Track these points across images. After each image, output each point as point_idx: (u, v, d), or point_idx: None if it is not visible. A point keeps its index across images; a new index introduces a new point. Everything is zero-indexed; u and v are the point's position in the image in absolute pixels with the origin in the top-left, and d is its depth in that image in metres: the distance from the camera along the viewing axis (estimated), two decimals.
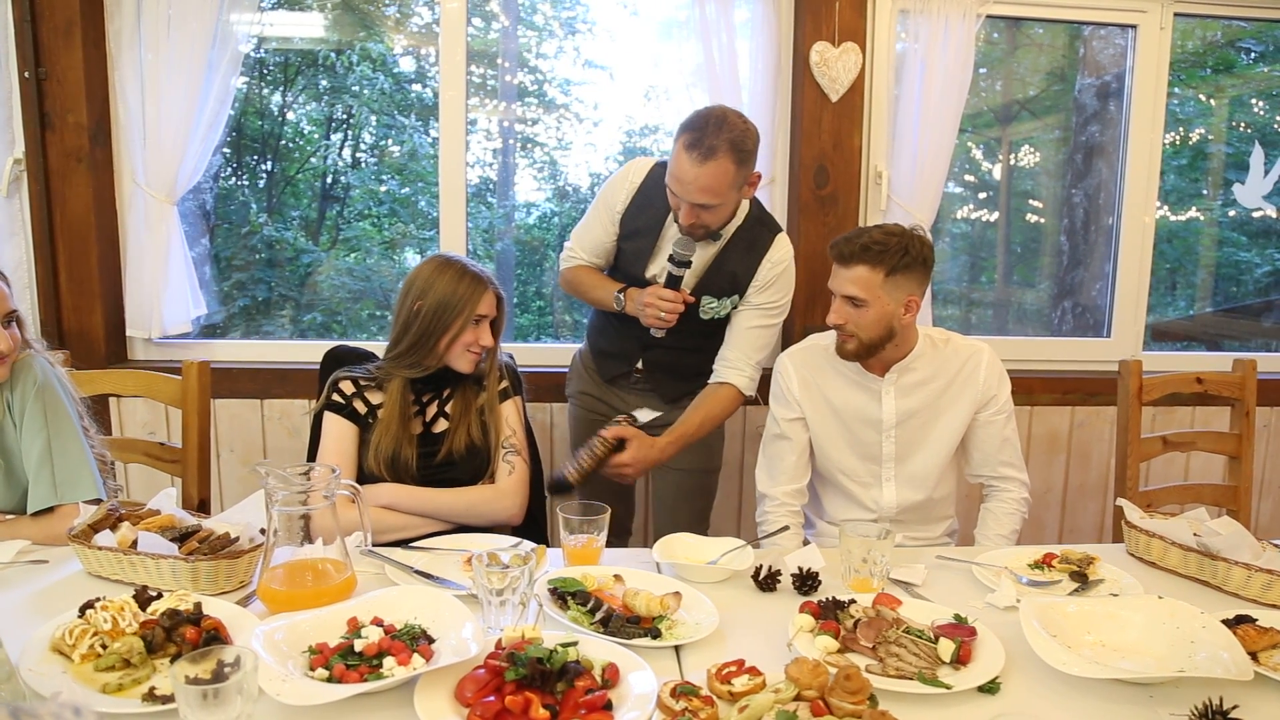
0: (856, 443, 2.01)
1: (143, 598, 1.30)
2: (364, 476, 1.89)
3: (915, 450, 2.01)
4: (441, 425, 1.96)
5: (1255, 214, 3.30)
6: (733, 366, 2.17)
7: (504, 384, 2.01)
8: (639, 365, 2.27)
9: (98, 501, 1.66)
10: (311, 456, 2.01)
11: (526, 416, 2.08)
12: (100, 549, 1.48)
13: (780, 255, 2.15)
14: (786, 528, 1.98)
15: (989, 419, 2.00)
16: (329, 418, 1.91)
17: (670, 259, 2.05)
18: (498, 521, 1.89)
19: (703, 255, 2.12)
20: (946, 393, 1.99)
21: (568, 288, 2.34)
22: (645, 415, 2.10)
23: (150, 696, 1.11)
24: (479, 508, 1.89)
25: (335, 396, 1.91)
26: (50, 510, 1.66)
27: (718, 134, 1.90)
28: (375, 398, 1.93)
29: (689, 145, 1.91)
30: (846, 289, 1.86)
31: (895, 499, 2.01)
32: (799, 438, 2.03)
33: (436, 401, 1.97)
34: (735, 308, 2.18)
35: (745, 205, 2.15)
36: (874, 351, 1.91)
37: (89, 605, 1.26)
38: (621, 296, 2.15)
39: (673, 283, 2.06)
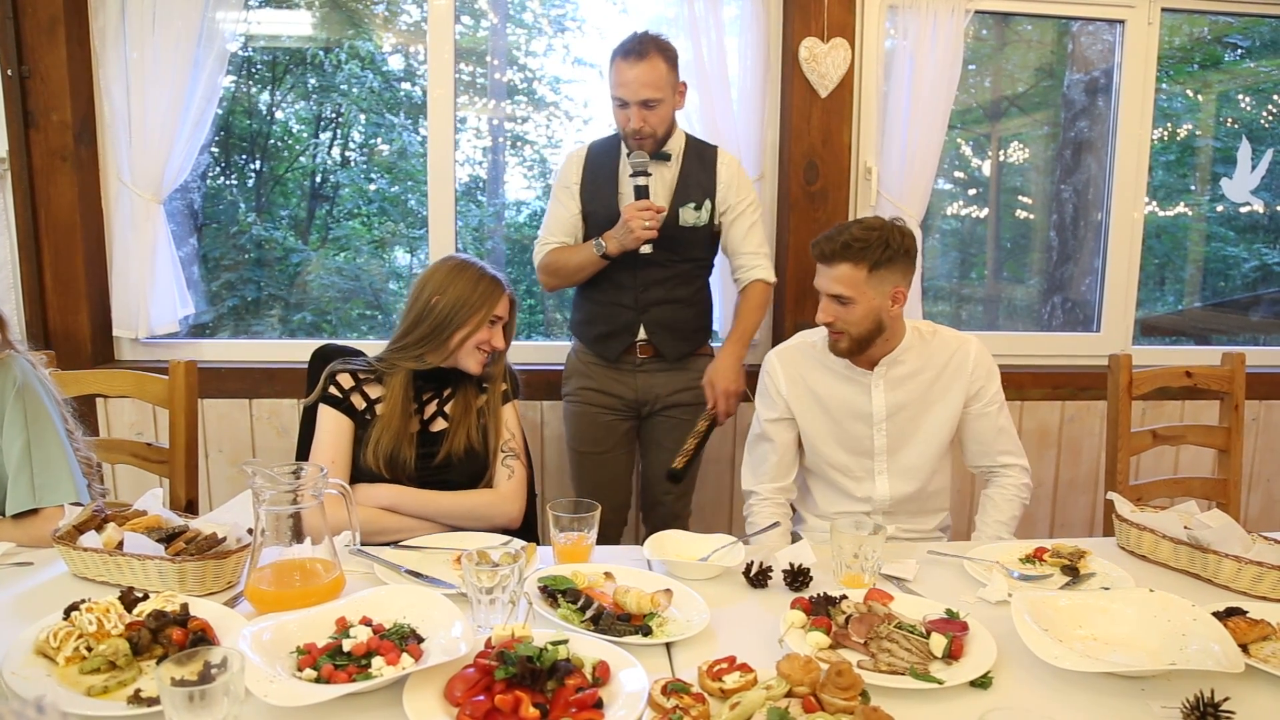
0: (847, 437, 2.01)
1: (128, 599, 1.29)
2: (358, 473, 1.87)
3: (907, 443, 2.00)
4: (439, 425, 1.94)
5: (1243, 209, 3.32)
6: (750, 266, 2.40)
7: (504, 387, 2.00)
8: (640, 333, 2.38)
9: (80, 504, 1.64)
10: (302, 449, 1.99)
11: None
12: (86, 550, 1.46)
13: (728, 159, 2.40)
14: (777, 524, 1.98)
15: (981, 411, 2.00)
16: (325, 411, 1.87)
17: (632, 174, 2.26)
18: (498, 526, 1.87)
19: (666, 177, 2.35)
20: (936, 384, 1.99)
21: (547, 274, 2.42)
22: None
23: (136, 699, 1.10)
24: (480, 511, 1.87)
25: (333, 389, 1.88)
26: (33, 512, 1.64)
27: (646, 39, 2.23)
28: (374, 392, 1.90)
29: (625, 53, 2.21)
30: (832, 288, 1.86)
31: (889, 492, 2.01)
32: (781, 438, 2.02)
33: (436, 401, 1.96)
34: (712, 215, 2.37)
35: (681, 132, 2.40)
36: (866, 346, 1.90)
37: (74, 607, 1.25)
38: (602, 242, 2.28)
39: (641, 193, 2.25)
